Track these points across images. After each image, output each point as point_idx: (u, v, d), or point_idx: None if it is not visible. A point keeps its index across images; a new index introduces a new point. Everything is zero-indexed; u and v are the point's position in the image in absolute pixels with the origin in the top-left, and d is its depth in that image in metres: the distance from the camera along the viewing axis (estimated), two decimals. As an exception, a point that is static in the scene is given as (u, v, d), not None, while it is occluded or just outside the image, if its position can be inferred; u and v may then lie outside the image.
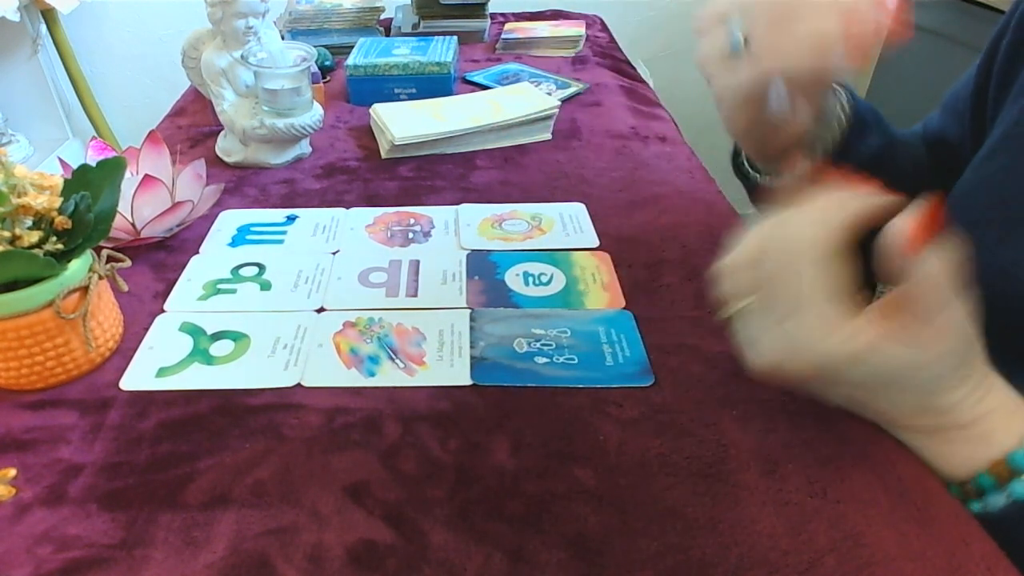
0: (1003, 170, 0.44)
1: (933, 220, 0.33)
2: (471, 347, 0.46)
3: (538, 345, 0.46)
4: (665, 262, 0.54)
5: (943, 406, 0.35)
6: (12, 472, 0.37)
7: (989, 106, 0.50)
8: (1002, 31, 0.49)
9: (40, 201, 0.40)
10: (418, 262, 0.54)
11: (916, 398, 0.35)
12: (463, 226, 0.60)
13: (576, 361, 0.44)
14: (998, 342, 0.39)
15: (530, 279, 0.52)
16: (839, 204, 0.35)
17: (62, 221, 0.41)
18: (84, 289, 0.42)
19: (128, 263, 0.46)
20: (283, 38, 0.78)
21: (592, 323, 0.48)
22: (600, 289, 0.51)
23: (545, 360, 0.45)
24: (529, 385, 0.43)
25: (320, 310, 0.49)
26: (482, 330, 0.47)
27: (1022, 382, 0.37)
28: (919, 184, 0.56)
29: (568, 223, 0.60)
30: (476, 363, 0.44)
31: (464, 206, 0.63)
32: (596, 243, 0.57)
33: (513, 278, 0.53)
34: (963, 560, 0.32)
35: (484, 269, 0.54)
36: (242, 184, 0.67)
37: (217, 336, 0.47)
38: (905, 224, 0.33)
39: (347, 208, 0.63)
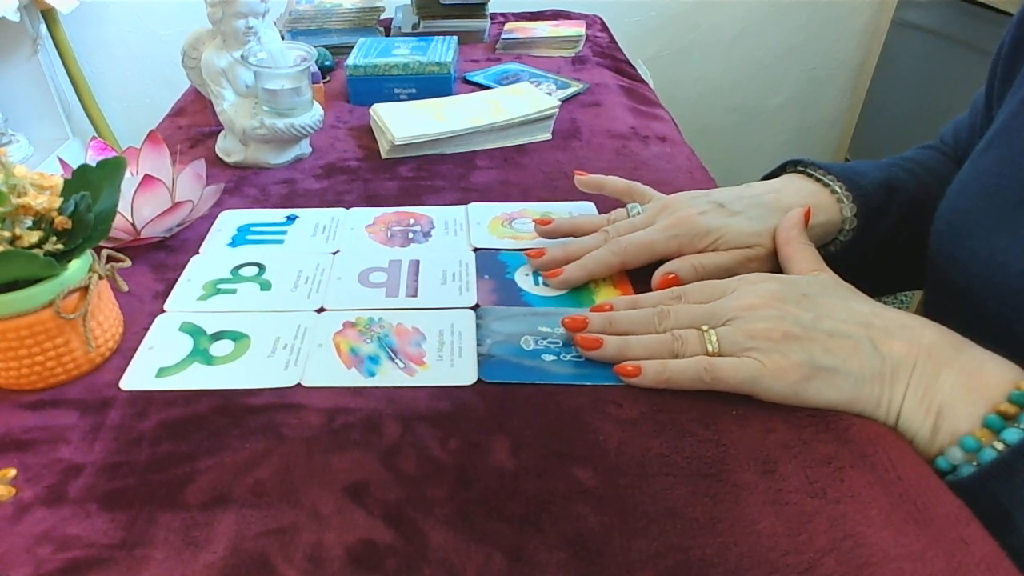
0: (998, 161, 0.45)
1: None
2: (478, 345, 0.46)
3: (545, 343, 0.46)
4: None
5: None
6: (12, 472, 0.37)
7: (994, 102, 0.51)
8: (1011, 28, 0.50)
9: (40, 201, 0.40)
10: (418, 262, 0.54)
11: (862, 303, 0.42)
12: (473, 224, 0.60)
13: (583, 359, 0.44)
14: (986, 328, 0.40)
15: (539, 278, 0.53)
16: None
17: (62, 221, 0.41)
18: (84, 289, 0.42)
19: (128, 263, 0.46)
20: (283, 38, 0.78)
21: None
22: (611, 287, 0.51)
23: (552, 358, 0.45)
24: (536, 382, 0.43)
25: (320, 310, 0.49)
26: (489, 328, 0.47)
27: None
28: None
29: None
30: (483, 360, 0.44)
31: (473, 205, 0.63)
32: None
33: (523, 277, 0.53)
34: (963, 560, 0.32)
35: (494, 268, 0.54)
36: (242, 184, 0.67)
37: (217, 336, 0.47)
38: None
39: (347, 208, 0.63)
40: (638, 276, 0.52)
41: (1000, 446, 0.35)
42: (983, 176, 0.46)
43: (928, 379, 0.38)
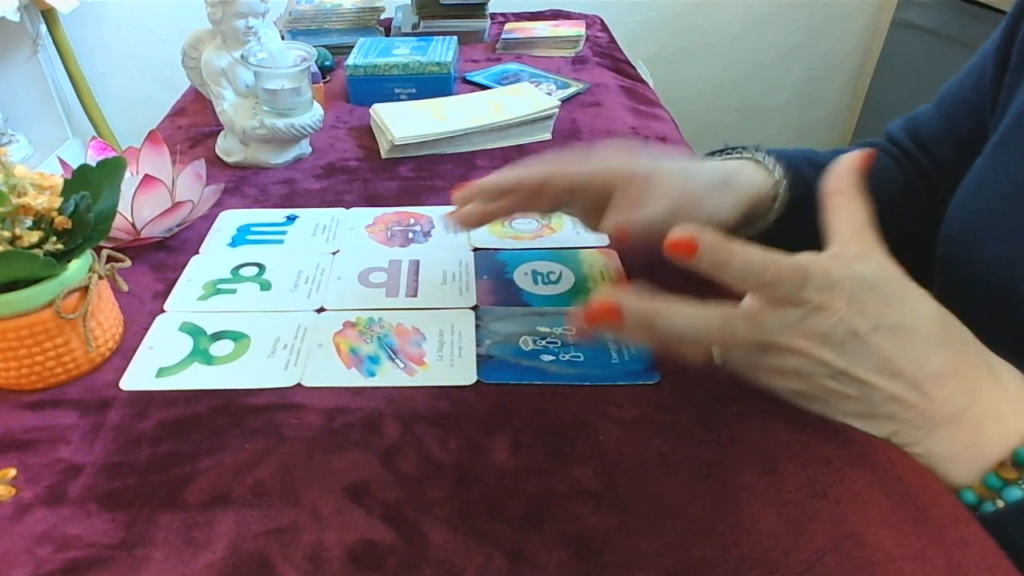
0: (1017, 157, 0.43)
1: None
2: (477, 345, 0.46)
3: (544, 343, 0.46)
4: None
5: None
6: (12, 472, 0.37)
7: (1003, 92, 0.48)
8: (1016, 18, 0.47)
9: (40, 201, 0.40)
10: (418, 262, 0.54)
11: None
12: None
13: (582, 359, 0.44)
14: (1000, 339, 0.38)
15: (539, 278, 0.52)
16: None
17: (62, 221, 0.41)
18: (84, 289, 0.42)
19: (128, 263, 0.46)
20: (283, 38, 0.78)
21: None
22: (609, 287, 0.51)
23: (551, 358, 0.45)
24: (535, 383, 0.43)
25: (320, 310, 0.49)
26: (488, 328, 0.47)
27: None
28: (909, 196, 0.54)
29: (578, 221, 0.60)
30: (482, 361, 0.44)
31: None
32: (607, 241, 0.57)
33: (522, 276, 0.53)
34: (963, 560, 0.32)
35: (493, 268, 0.54)
36: (242, 184, 0.67)
37: (217, 336, 0.47)
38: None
39: (347, 208, 0.63)
40: (636, 274, 0.52)
41: (1002, 503, 0.34)
42: (1001, 174, 0.43)
43: (918, 438, 0.36)
